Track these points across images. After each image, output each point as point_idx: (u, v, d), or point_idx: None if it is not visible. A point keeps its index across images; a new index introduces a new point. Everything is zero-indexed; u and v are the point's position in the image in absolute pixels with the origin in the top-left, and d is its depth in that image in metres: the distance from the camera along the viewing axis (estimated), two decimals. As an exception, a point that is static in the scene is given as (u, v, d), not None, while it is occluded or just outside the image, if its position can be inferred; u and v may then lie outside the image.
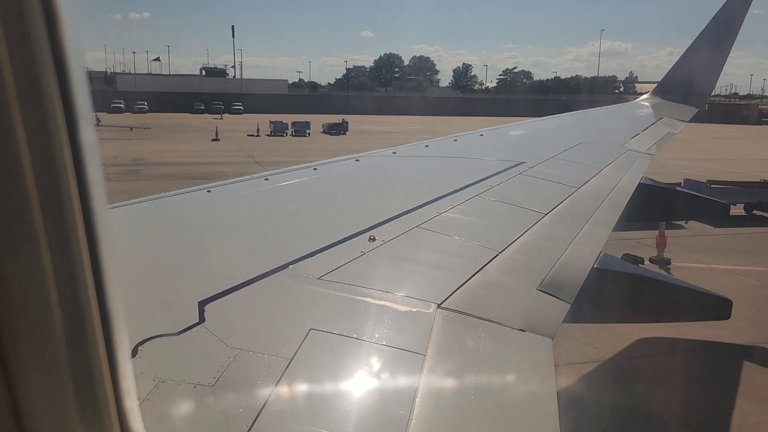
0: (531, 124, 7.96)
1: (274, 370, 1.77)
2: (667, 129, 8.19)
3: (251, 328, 2.05)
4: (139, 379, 1.64)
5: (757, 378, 9.17)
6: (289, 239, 2.97)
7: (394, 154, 5.30)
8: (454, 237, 3.18)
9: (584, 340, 10.03)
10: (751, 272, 14.58)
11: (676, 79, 10.82)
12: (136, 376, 1.65)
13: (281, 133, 57.61)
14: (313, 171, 4.41)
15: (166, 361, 1.75)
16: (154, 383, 1.63)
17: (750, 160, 41.78)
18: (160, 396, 1.59)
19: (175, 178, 26.74)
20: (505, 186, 4.25)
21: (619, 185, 4.87)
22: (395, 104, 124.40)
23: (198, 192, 3.75)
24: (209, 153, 40.46)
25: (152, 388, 1.61)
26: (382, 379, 1.92)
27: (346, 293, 2.35)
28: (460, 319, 2.30)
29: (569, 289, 2.80)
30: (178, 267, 2.52)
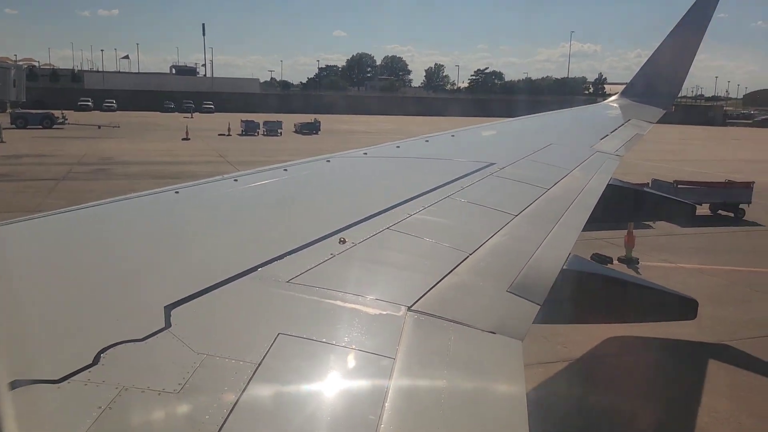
0: (501, 124, 8.01)
1: (241, 375, 1.74)
2: (636, 130, 8.30)
3: (219, 332, 2.02)
4: (101, 387, 1.59)
5: (724, 375, 9.36)
6: (258, 241, 2.93)
7: (366, 154, 5.28)
8: (425, 238, 3.17)
9: (554, 340, 10.13)
10: (717, 271, 14.89)
11: (644, 81, 10.97)
12: (97, 384, 1.62)
13: (253, 133, 57.21)
14: (283, 172, 4.37)
15: (130, 368, 1.71)
16: (116, 391, 1.59)
17: (715, 160, 42.69)
18: (122, 404, 1.55)
19: (145, 177, 26.36)
20: (476, 187, 4.25)
21: (588, 186, 4.91)
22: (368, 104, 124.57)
23: (165, 193, 3.69)
24: (179, 152, 40.01)
25: (114, 396, 1.57)
26: (352, 383, 1.90)
27: (315, 296, 2.33)
28: (430, 321, 2.29)
29: (539, 290, 2.81)
30: (143, 271, 2.47)
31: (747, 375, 9.38)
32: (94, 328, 1.93)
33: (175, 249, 2.78)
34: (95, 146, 42.11)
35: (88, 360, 1.69)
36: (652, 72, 10.98)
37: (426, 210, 3.57)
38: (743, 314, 11.93)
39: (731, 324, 11.37)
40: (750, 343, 10.54)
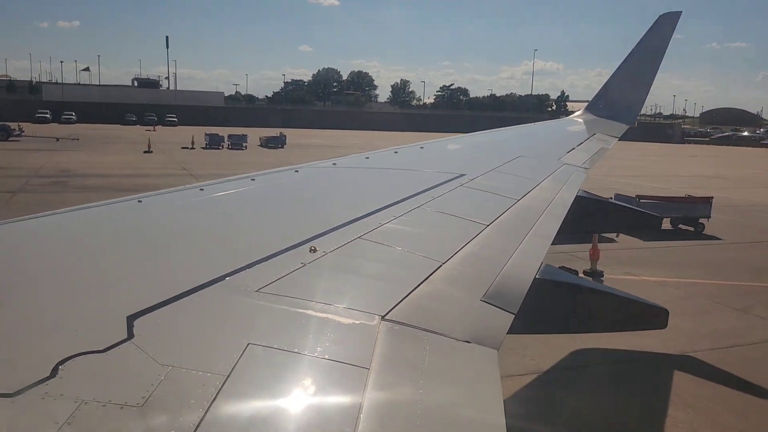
0: (470, 137, 8.03)
1: (209, 387, 1.65)
2: (601, 144, 8.42)
3: (185, 343, 1.92)
4: (59, 400, 1.50)
5: (688, 386, 9.48)
6: (226, 251, 2.83)
7: (335, 165, 5.22)
8: (397, 248, 3.11)
9: (523, 353, 10.15)
10: (679, 284, 15.16)
11: (607, 97, 11.17)
12: (55, 397, 1.52)
13: (217, 146, 56.58)
14: (250, 181, 4.28)
15: (90, 381, 1.61)
16: (75, 405, 1.49)
17: (675, 176, 43.73)
18: (81, 419, 1.45)
19: (105, 190, 25.84)
20: (446, 197, 4.22)
21: (557, 197, 4.93)
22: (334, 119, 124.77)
23: (127, 202, 3.56)
24: (141, 165, 39.38)
25: (74, 411, 1.47)
26: (325, 394, 1.82)
27: (286, 306, 2.25)
28: (404, 331, 2.23)
29: (513, 299, 2.77)
30: (106, 280, 2.36)
31: (709, 386, 9.52)
32: (52, 339, 1.83)
33: (138, 258, 2.67)
34: (53, 159, 41.16)
35: (45, 372, 1.59)
36: (616, 88, 11.19)
37: (397, 219, 3.53)
38: (705, 326, 12.15)
39: (694, 336, 11.55)
40: (712, 354, 10.72)
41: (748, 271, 16.65)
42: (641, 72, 10.99)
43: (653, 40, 10.97)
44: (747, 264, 17.48)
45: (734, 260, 17.92)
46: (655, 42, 10.95)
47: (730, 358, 10.57)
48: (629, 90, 11.08)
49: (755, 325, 12.35)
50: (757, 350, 11.02)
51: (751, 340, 11.51)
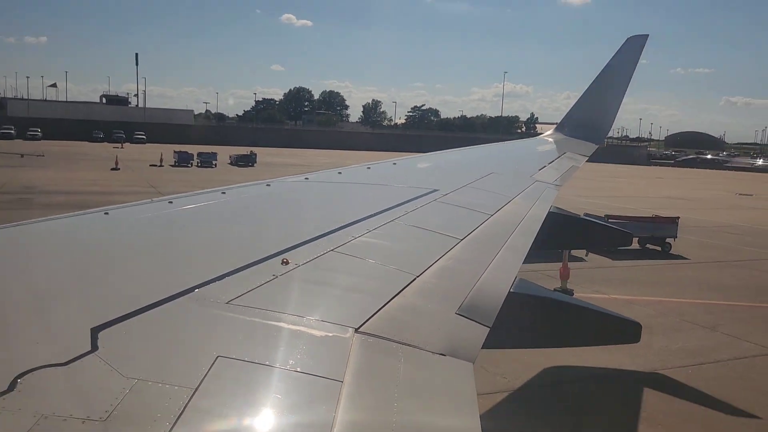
0: (442, 154, 8.06)
1: (176, 401, 1.58)
2: (572, 162, 8.52)
3: (151, 356, 1.85)
4: (17, 415, 1.42)
5: (658, 403, 9.54)
6: (195, 263, 2.76)
7: (307, 179, 5.17)
8: (371, 261, 3.07)
9: (493, 370, 10.13)
10: (647, 302, 15.35)
11: (577, 118, 11.34)
12: (13, 412, 1.43)
13: (186, 164, 56.01)
14: (221, 195, 4.21)
15: (51, 395, 1.53)
16: (34, 419, 1.41)
17: (642, 197, 44.54)
18: (40, 434, 1.37)
19: (70, 207, 25.26)
20: (420, 212, 4.20)
21: (530, 213, 4.94)
22: (305, 138, 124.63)
23: (94, 214, 3.47)
24: (108, 182, 38.79)
25: (32, 425, 1.39)
26: (297, 408, 1.76)
27: (257, 318, 2.18)
28: (378, 343, 2.18)
29: (488, 313, 2.75)
30: (70, 292, 2.27)
31: (679, 403, 9.59)
32: (11, 352, 1.74)
33: (105, 270, 2.58)
34: (17, 175, 40.32)
35: (3, 386, 1.51)
36: (585, 109, 11.37)
37: (371, 233, 3.48)
38: (673, 343, 12.29)
39: (663, 353, 11.67)
40: (681, 372, 10.83)
41: (714, 289, 16.95)
42: (610, 93, 11.20)
43: (621, 61, 11.21)
44: (713, 283, 17.80)
45: (700, 279, 18.24)
46: (624, 63, 11.19)
47: (699, 376, 10.69)
48: (598, 110, 11.27)
49: (723, 342, 12.54)
50: (725, 367, 11.17)
51: (719, 357, 11.67)
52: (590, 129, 10.98)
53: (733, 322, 13.91)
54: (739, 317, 14.34)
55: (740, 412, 9.35)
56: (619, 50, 11.40)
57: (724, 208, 39.55)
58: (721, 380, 10.54)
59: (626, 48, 11.24)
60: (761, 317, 14.43)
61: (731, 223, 31.77)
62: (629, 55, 11.25)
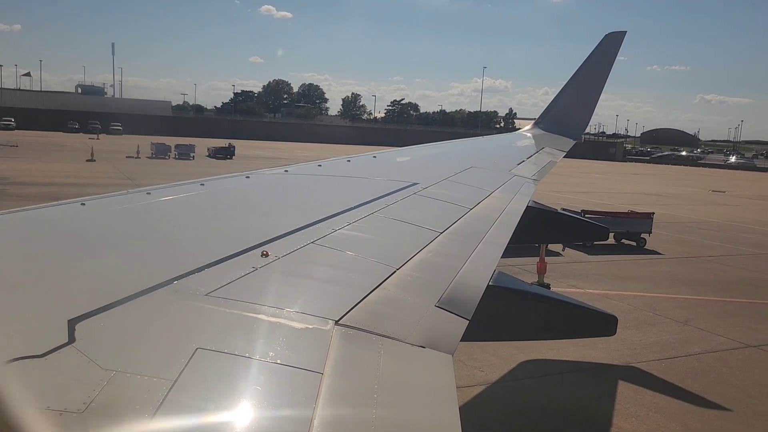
0: (422, 148, 8.06)
1: (155, 393, 1.56)
2: (550, 157, 8.58)
3: (130, 347, 1.83)
4: (-7, 407, 1.40)
5: (631, 396, 9.69)
6: (174, 254, 2.73)
7: (287, 172, 5.14)
8: (351, 253, 3.07)
9: (471, 364, 10.20)
10: (622, 296, 15.55)
11: (555, 113, 11.42)
12: (-11, 404, 1.41)
13: (163, 156, 55.41)
14: (200, 186, 4.17)
15: (28, 387, 1.51)
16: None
17: (618, 193, 45.05)
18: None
19: (45, 198, 24.87)
20: (400, 205, 4.20)
21: (509, 207, 4.97)
22: (284, 131, 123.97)
23: (70, 205, 3.41)
24: (83, 174, 38.24)
25: (8, 418, 1.37)
26: (277, 400, 1.76)
27: (237, 310, 2.17)
28: (358, 335, 2.19)
29: (467, 305, 2.76)
30: (45, 284, 2.24)
31: (653, 395, 9.75)
32: None
33: (82, 261, 2.55)
34: (-10, 166, 39.61)
35: None
36: (563, 104, 11.45)
37: (351, 226, 3.48)
38: (647, 337, 12.47)
39: (637, 346, 11.85)
40: (654, 365, 11.00)
41: (687, 284, 17.23)
42: (588, 89, 11.28)
43: (599, 58, 11.29)
44: (686, 277, 18.08)
45: (674, 274, 18.51)
46: (601, 60, 11.28)
47: (672, 369, 10.87)
48: (576, 106, 11.35)
49: (695, 336, 12.75)
50: (697, 361, 11.37)
51: (691, 351, 11.87)
52: (568, 125, 11.06)
53: (705, 316, 14.16)
54: (710, 311, 14.59)
55: (711, 404, 9.54)
56: (596, 47, 11.49)
57: (698, 205, 40.17)
58: (694, 373, 10.73)
59: (604, 45, 11.34)
60: (732, 311, 14.70)
61: (704, 219, 32.29)
62: (607, 51, 11.35)
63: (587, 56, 11.57)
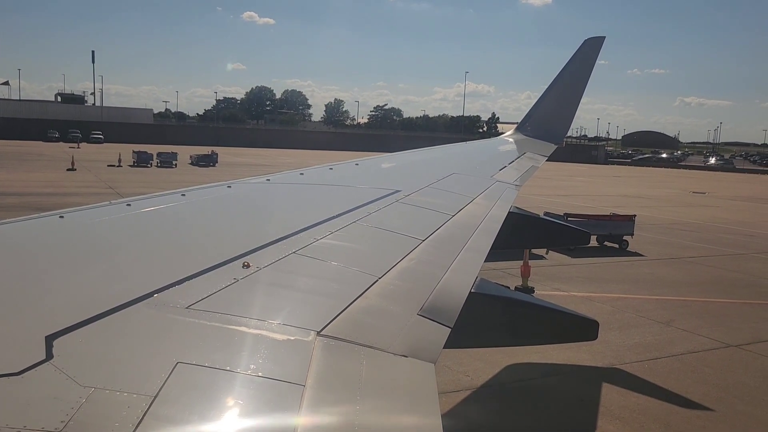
0: (404, 154, 8.09)
1: (135, 409, 1.55)
2: (531, 162, 8.65)
3: (109, 363, 1.81)
4: (-33, 428, 1.38)
5: (616, 398, 9.75)
6: (154, 267, 2.72)
7: (269, 181, 5.13)
8: (333, 263, 3.07)
9: (457, 369, 10.22)
10: (605, 299, 15.66)
11: (536, 118, 11.51)
12: (-37, 425, 1.40)
13: (145, 164, 54.97)
14: (181, 197, 4.14)
15: (4, 406, 1.49)
16: (-14, 432, 1.38)
17: (600, 195, 45.39)
18: (-8, 448, 1.34)
19: (23, 209, 24.64)
20: (382, 213, 4.21)
21: (491, 213, 5.00)
22: (267, 137, 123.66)
23: (48, 218, 3.38)
24: (64, 183, 37.84)
25: (-15, 438, 1.36)
26: (259, 413, 1.76)
27: (218, 322, 2.16)
28: (340, 346, 2.19)
29: (449, 313, 2.77)
30: (22, 300, 2.21)
31: (636, 397, 9.81)
32: None
33: (59, 276, 2.52)
34: (-31, 176, 39.09)
35: None
36: (544, 109, 11.54)
37: (333, 235, 3.48)
38: (630, 339, 12.57)
39: (621, 348, 11.93)
40: (638, 366, 11.08)
41: (669, 285, 17.39)
42: (568, 94, 11.39)
43: (579, 63, 11.41)
44: (668, 279, 18.25)
45: (656, 275, 18.68)
46: (581, 65, 11.39)
47: (654, 370, 10.95)
48: (557, 111, 11.45)
49: (677, 337, 12.87)
50: (679, 361, 11.48)
51: (674, 351, 11.98)
52: (549, 129, 11.15)
53: (687, 316, 14.30)
54: (692, 312, 14.74)
55: (694, 404, 9.62)
56: (576, 52, 11.60)
57: (679, 206, 40.60)
58: (676, 374, 10.83)
59: (583, 50, 11.46)
60: (713, 312, 14.86)
61: (685, 220, 32.64)
62: (586, 56, 11.46)
63: (567, 61, 11.68)
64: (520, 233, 6.13)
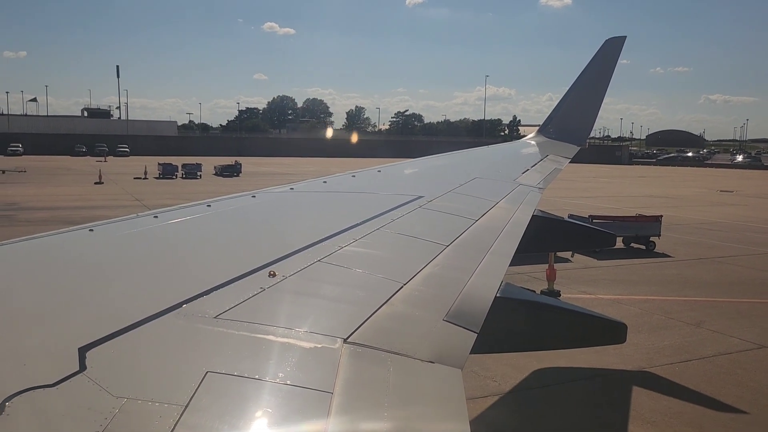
0: (426, 160, 8.09)
1: (166, 419, 1.58)
2: (554, 165, 8.59)
3: (140, 374, 1.85)
4: (7, 440, 1.42)
5: (646, 402, 9.61)
6: (182, 278, 2.76)
7: (292, 189, 5.17)
8: (358, 270, 3.08)
9: (484, 374, 10.16)
10: (633, 301, 15.46)
11: (558, 120, 11.43)
12: (2, 436, 1.43)
13: (171, 176, 55.71)
14: (206, 208, 4.20)
15: (41, 417, 1.53)
16: (24, 442, 1.41)
17: (625, 196, 44.87)
18: (31, 458, 1.37)
19: (54, 222, 25.11)
20: (405, 219, 4.22)
21: (515, 217, 4.98)
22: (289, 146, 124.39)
23: (78, 231, 3.44)
24: (92, 196, 38.47)
25: (23, 449, 1.39)
26: (288, 421, 1.77)
27: (245, 332, 2.19)
28: (367, 353, 2.20)
29: (475, 318, 2.76)
30: (55, 312, 2.26)
31: (666, 400, 9.67)
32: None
33: (90, 288, 2.57)
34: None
35: None
36: (566, 111, 11.46)
37: (357, 242, 3.50)
38: (660, 341, 12.39)
39: (650, 351, 11.77)
40: (669, 369, 10.92)
41: (698, 286, 17.12)
42: (590, 95, 11.30)
43: (600, 63, 11.32)
44: (696, 279, 17.97)
45: (684, 276, 18.41)
46: (602, 65, 11.30)
47: (685, 372, 10.78)
48: (579, 112, 11.36)
49: (708, 339, 12.66)
50: (711, 363, 11.28)
51: (705, 353, 11.78)
52: (571, 131, 11.07)
53: (717, 317, 14.06)
54: (722, 313, 14.49)
55: (727, 407, 9.45)
56: (597, 53, 11.52)
57: (706, 206, 39.97)
58: (708, 376, 10.65)
59: (604, 50, 11.37)
60: (744, 312, 14.59)
61: (713, 219, 32.12)
62: (607, 57, 11.37)
63: (588, 62, 11.60)
64: (544, 236, 6.08)
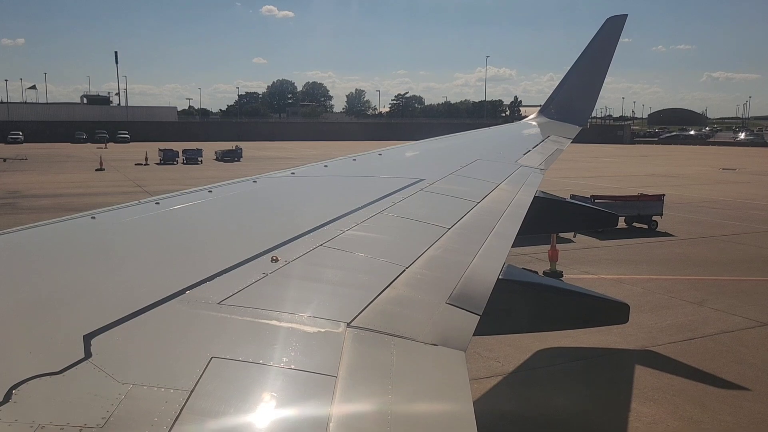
0: (427, 143, 8.07)
1: (172, 404, 1.60)
2: (556, 146, 8.57)
3: (145, 360, 1.86)
4: (14, 426, 1.43)
5: (649, 380, 9.66)
6: (185, 264, 2.77)
7: (293, 174, 5.17)
8: (360, 254, 3.09)
9: (487, 355, 10.21)
10: (635, 280, 15.49)
11: (560, 100, 11.39)
12: (9, 423, 1.44)
13: (172, 161, 55.69)
14: (208, 193, 4.20)
15: (47, 404, 1.54)
16: (31, 430, 1.42)
17: (627, 176, 44.77)
18: (38, 444, 1.39)
19: (56, 210, 25.13)
20: (407, 202, 4.22)
21: (516, 198, 4.98)
22: (289, 130, 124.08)
23: (80, 219, 3.45)
24: (93, 183, 38.47)
25: (30, 436, 1.41)
26: (293, 405, 1.79)
27: (249, 317, 2.20)
28: (371, 336, 2.21)
29: (477, 301, 2.77)
30: (59, 300, 2.27)
31: (669, 378, 9.72)
32: (5, 362, 1.75)
33: (94, 275, 2.58)
34: (1, 180, 39.92)
35: None
36: (567, 91, 11.41)
37: (359, 226, 3.50)
38: (662, 320, 12.43)
39: (653, 330, 11.81)
40: (671, 348, 10.97)
41: (700, 264, 17.14)
42: (591, 74, 11.24)
43: (601, 43, 11.25)
44: (699, 258, 17.98)
45: (686, 255, 18.41)
46: (603, 45, 11.23)
47: (688, 351, 10.83)
48: (580, 92, 11.31)
49: (710, 317, 12.69)
50: (713, 341, 11.32)
51: (707, 332, 11.81)
52: (573, 111, 11.03)
53: (720, 296, 14.08)
54: (725, 291, 14.51)
55: (730, 384, 9.50)
56: (598, 32, 11.44)
57: (709, 184, 39.87)
58: (710, 354, 10.69)
59: (605, 29, 11.29)
60: (747, 291, 14.61)
61: (716, 198, 32.05)
62: (608, 35, 11.30)
63: (589, 41, 11.52)
64: (546, 217, 6.09)
